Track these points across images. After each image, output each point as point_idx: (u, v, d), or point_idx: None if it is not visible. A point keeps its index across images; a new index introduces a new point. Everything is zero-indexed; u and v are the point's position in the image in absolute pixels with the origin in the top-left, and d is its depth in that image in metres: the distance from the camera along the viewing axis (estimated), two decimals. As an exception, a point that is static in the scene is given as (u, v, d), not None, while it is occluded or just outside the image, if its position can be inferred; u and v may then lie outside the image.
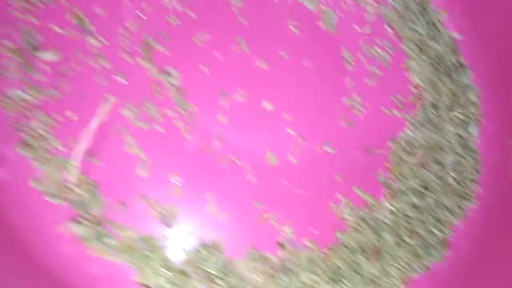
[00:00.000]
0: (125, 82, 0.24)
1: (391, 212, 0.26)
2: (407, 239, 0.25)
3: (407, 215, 0.26)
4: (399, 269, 0.25)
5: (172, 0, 0.26)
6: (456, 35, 0.31)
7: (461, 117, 0.29)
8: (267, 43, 0.26)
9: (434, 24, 0.31)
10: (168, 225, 0.22)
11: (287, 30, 0.27)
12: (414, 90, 0.29)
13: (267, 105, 0.25)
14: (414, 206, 0.26)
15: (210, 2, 0.26)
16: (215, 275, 0.22)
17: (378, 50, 0.29)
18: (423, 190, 0.26)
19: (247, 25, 0.26)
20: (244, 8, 0.27)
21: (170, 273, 0.22)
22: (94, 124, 0.22)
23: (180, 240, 0.22)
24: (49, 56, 0.23)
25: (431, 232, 0.25)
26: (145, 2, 0.25)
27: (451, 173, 0.27)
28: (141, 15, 0.25)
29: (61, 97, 0.23)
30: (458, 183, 0.27)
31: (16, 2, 0.24)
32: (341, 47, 0.28)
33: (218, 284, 0.22)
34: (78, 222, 0.21)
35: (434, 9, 0.31)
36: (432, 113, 0.28)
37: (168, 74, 0.24)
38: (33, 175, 0.21)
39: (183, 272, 0.22)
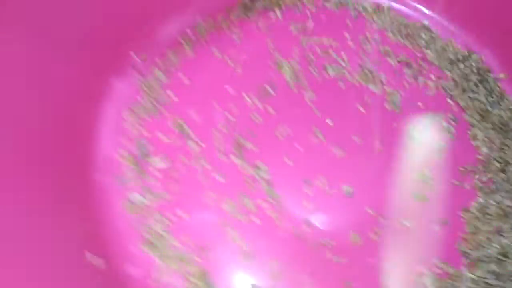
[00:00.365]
0: (223, 180, 0.27)
1: (473, 280, 0.27)
2: (492, 309, 0.26)
3: (488, 284, 0.27)
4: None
5: (253, 99, 0.30)
6: (517, 99, 0.32)
7: (532, 180, 0.30)
8: (340, 130, 0.29)
9: (494, 91, 0.32)
10: (272, 309, 0.25)
11: (357, 115, 0.30)
12: (481, 158, 0.30)
13: (346, 188, 0.28)
14: (495, 273, 0.27)
15: (286, 97, 0.30)
16: None
17: (444, 123, 0.31)
18: (502, 258, 0.28)
19: (321, 116, 0.30)
20: (316, 100, 0.30)
21: None
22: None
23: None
24: (158, 162, 0.27)
25: (515, 301, 0.27)
26: (232, 103, 0.29)
27: (529, 239, 0.28)
28: (229, 116, 0.29)
29: (172, 198, 0.27)
30: (537, 249, 0.28)
31: (128, 117, 0.28)
32: (408, 125, 0.30)
33: None
34: (197, 310, 0.25)
35: (493, 76, 0.33)
36: (502, 179, 0.30)
37: (258, 168, 0.28)
38: (157, 269, 0.25)
39: None
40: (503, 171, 0.30)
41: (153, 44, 0.30)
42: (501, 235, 0.28)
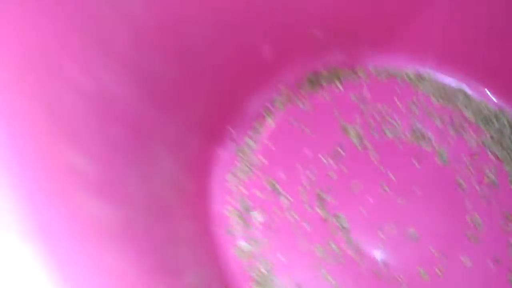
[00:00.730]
0: (311, 228, 0.34)
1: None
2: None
3: (540, 310, 0.32)
4: None
5: (328, 160, 0.36)
6: (547, 149, 0.38)
7: None
8: (401, 182, 0.36)
9: (526, 144, 0.39)
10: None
11: (413, 169, 0.36)
12: (522, 202, 0.36)
13: (412, 232, 0.34)
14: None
15: (354, 157, 0.37)
16: None
17: (487, 173, 0.37)
18: (549, 287, 0.33)
19: (384, 171, 0.36)
20: (380, 158, 0.37)
21: None
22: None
23: None
24: (258, 215, 0.34)
25: None
26: (311, 163, 0.36)
27: None
28: (310, 174, 0.36)
29: (271, 244, 0.33)
30: None
31: (231, 179, 0.35)
32: (456, 176, 0.37)
33: None
34: (301, 336, 0.30)
35: (524, 131, 0.39)
36: (542, 219, 0.36)
37: (338, 217, 0.34)
38: (266, 303, 0.31)
39: None
40: (543, 212, 0.36)
41: (243, 118, 0.37)
42: (546, 268, 0.34)
